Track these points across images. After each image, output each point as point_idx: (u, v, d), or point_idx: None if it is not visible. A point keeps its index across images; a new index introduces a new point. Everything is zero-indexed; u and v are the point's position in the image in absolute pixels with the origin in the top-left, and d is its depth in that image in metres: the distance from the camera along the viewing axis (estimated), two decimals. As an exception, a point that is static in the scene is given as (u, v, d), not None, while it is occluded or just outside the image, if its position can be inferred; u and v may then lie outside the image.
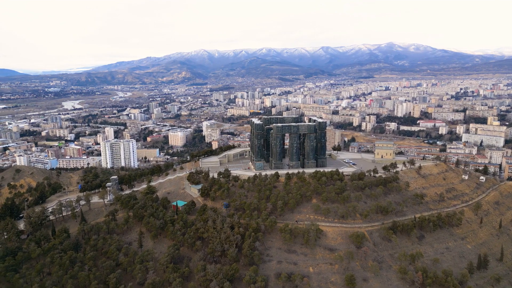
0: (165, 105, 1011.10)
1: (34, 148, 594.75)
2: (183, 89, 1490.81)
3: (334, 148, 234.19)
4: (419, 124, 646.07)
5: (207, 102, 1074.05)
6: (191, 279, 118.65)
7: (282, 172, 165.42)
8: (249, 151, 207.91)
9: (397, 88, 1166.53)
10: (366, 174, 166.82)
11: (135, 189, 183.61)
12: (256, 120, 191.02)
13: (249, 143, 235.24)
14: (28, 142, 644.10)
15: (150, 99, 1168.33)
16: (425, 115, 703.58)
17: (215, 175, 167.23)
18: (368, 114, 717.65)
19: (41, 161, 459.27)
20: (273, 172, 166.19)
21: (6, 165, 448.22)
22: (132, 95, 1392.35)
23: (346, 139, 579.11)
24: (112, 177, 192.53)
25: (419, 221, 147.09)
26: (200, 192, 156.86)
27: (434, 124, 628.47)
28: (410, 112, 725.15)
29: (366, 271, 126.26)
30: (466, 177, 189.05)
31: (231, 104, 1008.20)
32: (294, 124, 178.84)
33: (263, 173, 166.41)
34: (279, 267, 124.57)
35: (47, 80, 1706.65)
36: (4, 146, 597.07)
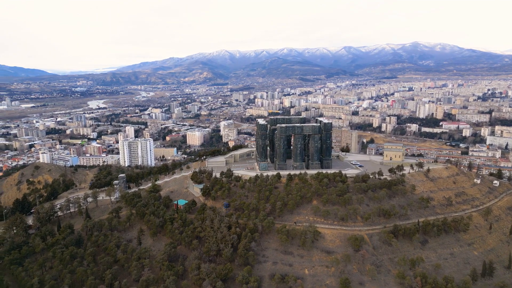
0: (186, 105, 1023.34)
1: (58, 146, 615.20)
2: (204, 89, 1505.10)
3: (343, 150, 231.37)
4: (441, 125, 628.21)
5: (227, 102, 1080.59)
6: (186, 277, 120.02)
7: (284, 173, 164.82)
8: (256, 151, 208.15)
9: (421, 88, 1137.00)
10: (371, 176, 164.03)
11: (141, 187, 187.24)
12: (260, 121, 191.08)
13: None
14: (53, 140, 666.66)
15: (172, 99, 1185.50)
16: (449, 117, 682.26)
17: (218, 175, 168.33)
18: (389, 115, 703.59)
19: (63, 159, 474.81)
20: (275, 172, 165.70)
21: (30, 162, 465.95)
22: (154, 95, 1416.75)
23: (364, 140, 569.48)
24: (120, 175, 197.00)
25: (423, 225, 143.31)
26: (202, 192, 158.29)
27: (458, 126, 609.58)
28: (432, 114, 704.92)
29: (363, 275, 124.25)
30: (479, 181, 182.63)
31: (250, 104, 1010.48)
32: (298, 125, 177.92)
33: (265, 173, 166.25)
34: (274, 268, 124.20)
35: (74, 80, 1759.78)
36: (30, 143, 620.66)
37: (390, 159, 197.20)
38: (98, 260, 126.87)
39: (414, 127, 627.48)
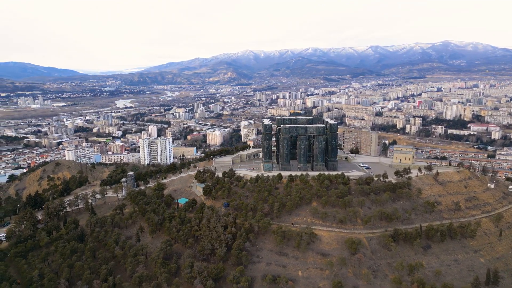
0: (209, 105, 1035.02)
1: (84, 144, 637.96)
2: (228, 89, 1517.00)
3: (352, 151, 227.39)
4: (469, 127, 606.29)
5: (249, 102, 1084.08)
6: (179, 275, 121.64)
7: (285, 173, 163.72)
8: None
9: (450, 89, 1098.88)
10: (375, 178, 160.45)
11: (148, 185, 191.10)
12: (265, 121, 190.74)
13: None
14: (80, 138, 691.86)
15: (196, 98, 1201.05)
16: (477, 118, 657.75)
17: (220, 174, 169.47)
18: (414, 116, 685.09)
19: (86, 156, 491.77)
20: (276, 173, 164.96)
21: (57, 159, 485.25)
22: (179, 94, 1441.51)
23: (387, 142, 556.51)
24: (129, 173, 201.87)
25: (426, 230, 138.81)
26: (203, 191, 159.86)
27: (487, 128, 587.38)
28: (460, 115, 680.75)
29: (358, 279, 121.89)
30: (492, 186, 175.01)
31: (272, 104, 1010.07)
32: (302, 125, 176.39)
33: (266, 174, 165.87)
34: (268, 269, 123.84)
35: (104, 80, 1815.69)
36: (59, 141, 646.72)
37: (400, 161, 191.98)
38: (97, 256, 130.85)
39: (440, 128, 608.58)
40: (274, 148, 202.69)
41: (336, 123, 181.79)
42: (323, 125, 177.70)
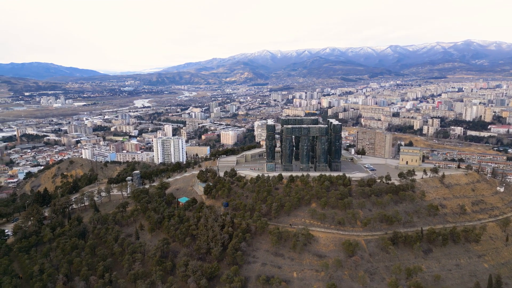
0: (225, 105, 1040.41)
1: (101, 142, 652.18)
2: (244, 89, 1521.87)
3: (358, 152, 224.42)
4: (490, 129, 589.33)
5: (265, 102, 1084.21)
6: (174, 273, 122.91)
7: (286, 174, 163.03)
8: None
9: (472, 89, 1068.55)
10: (378, 180, 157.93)
11: (153, 184, 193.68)
12: (269, 121, 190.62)
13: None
14: (98, 136, 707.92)
15: (212, 98, 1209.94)
16: (499, 120, 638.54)
17: (222, 174, 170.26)
18: (432, 117, 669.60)
19: (102, 154, 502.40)
20: (277, 174, 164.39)
21: (74, 156, 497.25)
22: (196, 94, 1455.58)
23: (402, 143, 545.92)
24: (134, 172, 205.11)
25: (427, 233, 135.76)
26: (204, 190, 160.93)
27: (508, 130, 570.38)
28: (481, 116, 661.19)
29: (354, 281, 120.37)
30: (502, 189, 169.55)
31: (288, 104, 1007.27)
32: (304, 126, 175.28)
33: (266, 174, 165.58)
34: (262, 269, 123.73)
35: (123, 80, 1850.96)
36: (77, 139, 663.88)
37: (406, 163, 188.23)
38: (96, 252, 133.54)
39: (458, 130, 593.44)
40: (279, 149, 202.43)
41: (340, 123, 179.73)
42: (326, 125, 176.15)
